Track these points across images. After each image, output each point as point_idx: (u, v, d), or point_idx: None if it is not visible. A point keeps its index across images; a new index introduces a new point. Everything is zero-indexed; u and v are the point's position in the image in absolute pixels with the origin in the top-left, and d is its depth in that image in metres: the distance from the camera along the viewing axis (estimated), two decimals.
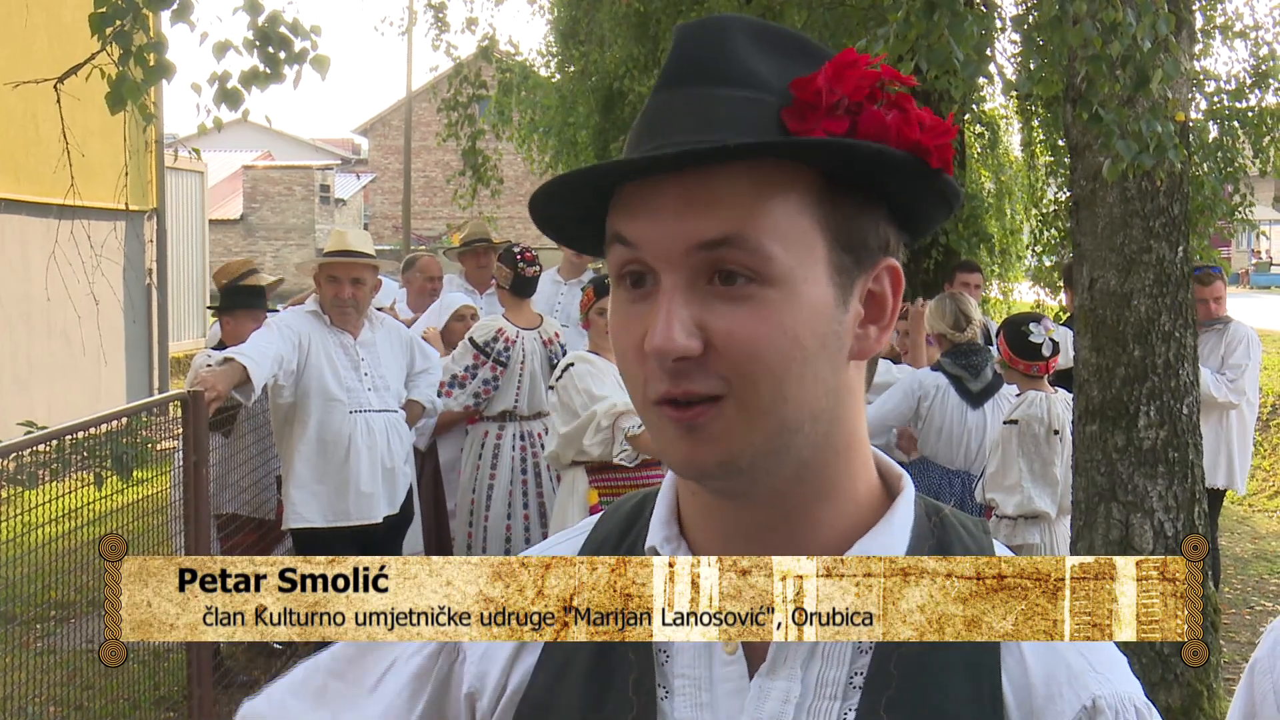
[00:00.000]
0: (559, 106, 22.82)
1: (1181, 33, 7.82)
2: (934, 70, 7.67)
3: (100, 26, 8.04)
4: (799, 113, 1.54)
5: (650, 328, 1.51)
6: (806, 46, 1.61)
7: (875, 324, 1.63)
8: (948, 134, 1.58)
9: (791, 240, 1.52)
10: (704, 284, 1.52)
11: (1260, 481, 17.53)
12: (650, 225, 1.52)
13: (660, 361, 1.51)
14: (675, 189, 1.51)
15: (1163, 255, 7.83)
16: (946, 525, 1.71)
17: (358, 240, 8.46)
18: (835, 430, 1.62)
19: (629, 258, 1.55)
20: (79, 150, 10.78)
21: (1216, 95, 15.17)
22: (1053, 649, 1.61)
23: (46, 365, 18.71)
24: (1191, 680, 7.82)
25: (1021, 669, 1.61)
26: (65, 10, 16.74)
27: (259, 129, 54.27)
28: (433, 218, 62.62)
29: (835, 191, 1.56)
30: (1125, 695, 1.62)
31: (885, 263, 1.63)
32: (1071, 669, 1.61)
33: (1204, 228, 14.28)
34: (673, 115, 1.55)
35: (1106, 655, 1.65)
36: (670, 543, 1.69)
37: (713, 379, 1.51)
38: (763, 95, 1.54)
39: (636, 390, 1.57)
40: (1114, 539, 7.88)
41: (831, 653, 1.60)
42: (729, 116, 1.53)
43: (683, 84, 1.56)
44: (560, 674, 1.70)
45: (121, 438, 7.78)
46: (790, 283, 1.52)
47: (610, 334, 1.61)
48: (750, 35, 1.58)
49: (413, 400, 8.80)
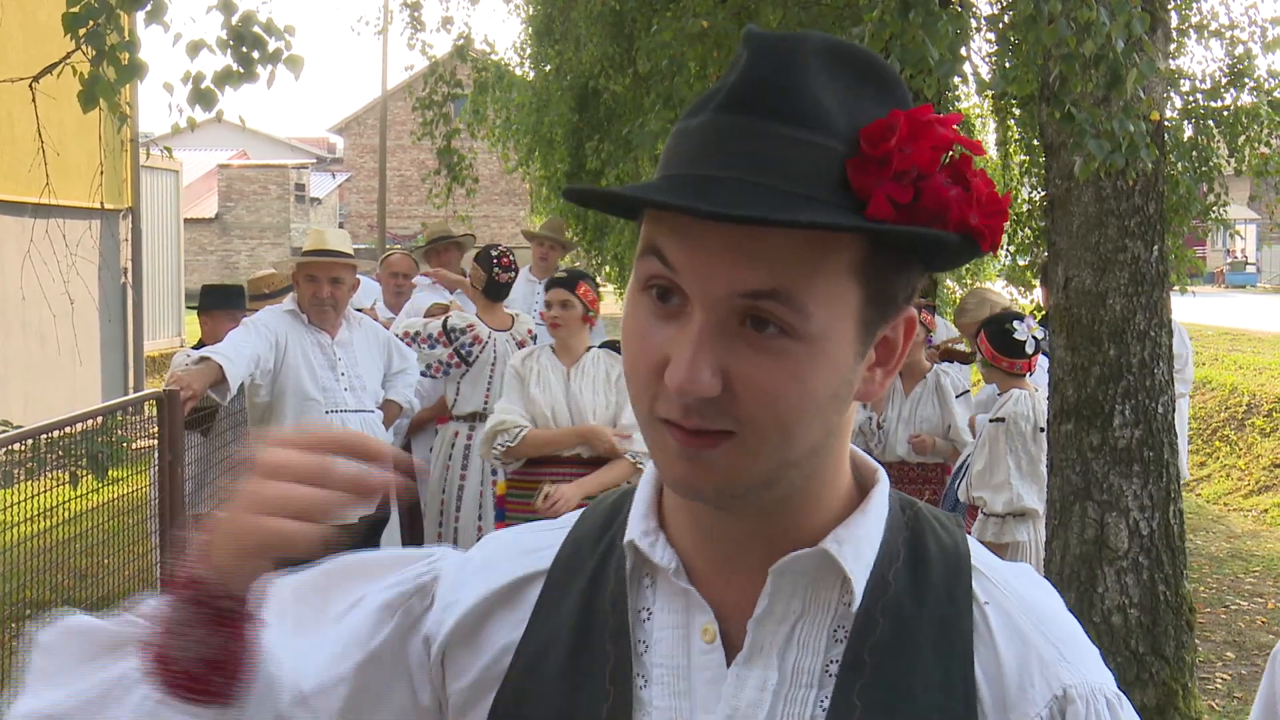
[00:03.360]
0: (534, 105, 22.79)
1: (1157, 32, 7.84)
2: (908, 69, 7.68)
3: (73, 26, 8.03)
4: (864, 166, 1.50)
5: (674, 357, 1.50)
6: (884, 78, 1.57)
7: (882, 367, 1.64)
8: (1002, 215, 1.56)
9: (831, 299, 1.51)
10: (735, 325, 1.50)
11: (1236, 480, 17.58)
12: (695, 257, 1.49)
13: (679, 397, 1.50)
14: (728, 229, 1.47)
15: (1138, 254, 7.85)
16: (921, 519, 1.72)
17: (336, 240, 8.44)
18: (827, 459, 1.64)
19: (664, 275, 1.52)
20: (54, 149, 10.77)
21: (1192, 94, 15.20)
22: (1024, 639, 1.64)
23: (22, 364, 18.65)
24: (1167, 679, 7.85)
25: (994, 658, 1.62)
26: (40, 10, 16.68)
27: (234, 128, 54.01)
28: (408, 216, 62.65)
29: (878, 252, 1.54)
30: (1096, 685, 1.63)
31: (905, 312, 1.63)
32: (1043, 659, 1.63)
33: (1179, 227, 14.31)
34: (733, 144, 1.50)
35: (1078, 645, 1.67)
36: (649, 535, 1.70)
37: (724, 419, 1.51)
38: (830, 142, 1.50)
39: (642, 401, 1.56)
40: (1089, 538, 7.90)
41: (808, 642, 1.62)
42: (792, 162, 1.48)
43: (749, 111, 1.51)
44: (537, 660, 1.72)
45: (97, 437, 7.78)
46: (820, 340, 1.51)
47: (624, 338, 1.59)
48: (824, 59, 1.53)
49: (390, 400, 8.78)
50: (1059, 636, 1.66)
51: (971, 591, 1.67)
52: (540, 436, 7.79)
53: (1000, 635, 1.64)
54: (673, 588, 1.68)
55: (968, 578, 1.68)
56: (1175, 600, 7.94)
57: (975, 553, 1.71)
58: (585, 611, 1.72)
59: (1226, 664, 10.12)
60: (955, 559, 1.69)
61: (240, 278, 11.23)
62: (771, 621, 1.62)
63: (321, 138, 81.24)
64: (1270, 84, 15.26)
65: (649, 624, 1.69)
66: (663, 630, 1.68)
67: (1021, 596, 1.69)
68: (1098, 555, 7.89)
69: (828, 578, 1.63)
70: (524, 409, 7.82)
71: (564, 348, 8.01)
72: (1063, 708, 1.60)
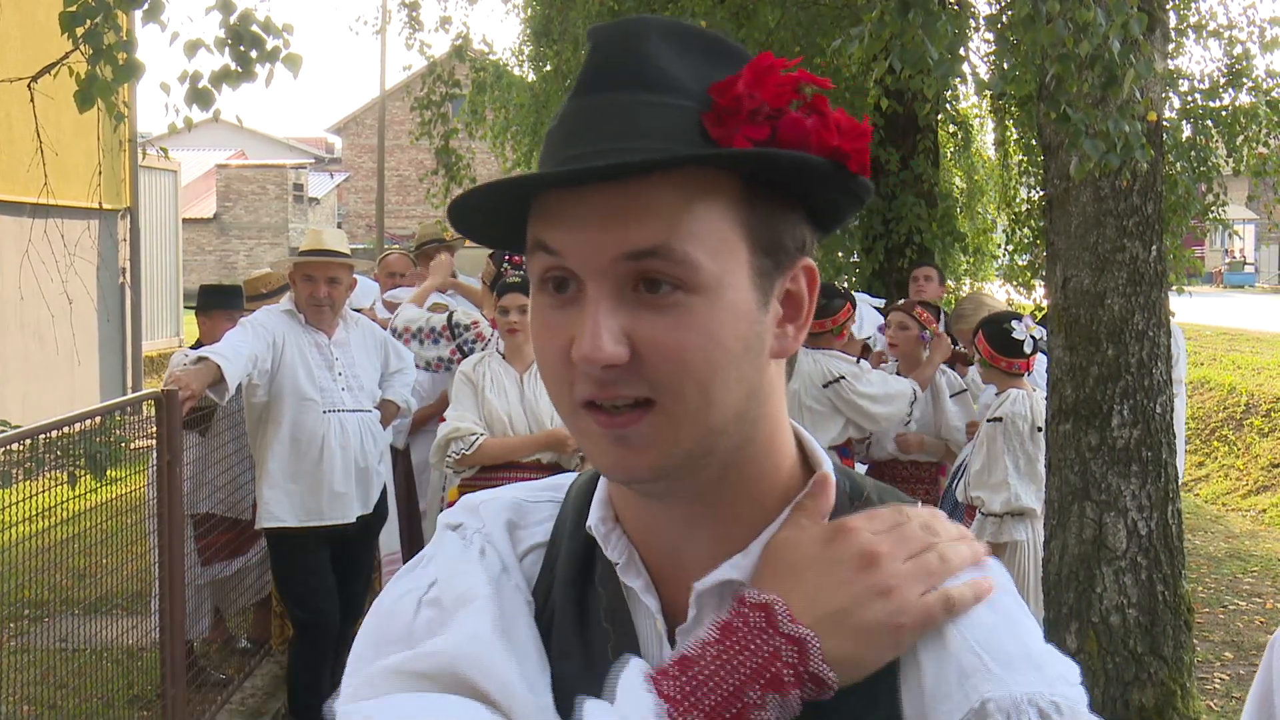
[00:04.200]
0: (532, 105, 22.79)
1: (1155, 32, 7.84)
2: (908, 69, 7.68)
3: (70, 25, 8.03)
4: (718, 118, 1.54)
5: (577, 335, 1.52)
6: (724, 47, 1.61)
7: (793, 323, 1.65)
8: (864, 136, 1.59)
9: (715, 247, 1.53)
10: (630, 291, 1.52)
11: (1234, 480, 17.59)
12: (575, 234, 1.52)
13: (588, 368, 1.51)
14: (600, 198, 1.51)
15: (1136, 254, 7.84)
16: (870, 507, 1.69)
17: (333, 239, 8.44)
18: (758, 428, 1.64)
19: (552, 265, 1.55)
20: (53, 149, 10.77)
21: (1190, 94, 15.20)
22: (945, 647, 1.57)
23: (20, 364, 18.65)
24: (1165, 679, 7.85)
25: (914, 668, 1.58)
26: (39, 9, 16.67)
27: (232, 128, 54.18)
28: (406, 216, 62.65)
29: (755, 196, 1.56)
30: (1022, 695, 1.54)
31: (802, 262, 1.64)
32: (963, 669, 1.56)
33: (1177, 227, 14.32)
34: (592, 122, 1.54)
35: (1008, 653, 1.57)
36: (605, 523, 1.71)
37: (640, 384, 1.52)
38: (682, 101, 1.54)
39: (562, 394, 1.58)
40: (1087, 538, 7.90)
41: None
42: (650, 124, 1.52)
43: (601, 90, 1.55)
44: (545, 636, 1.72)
45: (95, 437, 7.77)
46: (715, 290, 1.52)
47: (532, 338, 1.61)
48: (667, 37, 1.58)
49: (387, 400, 8.78)
50: (987, 644, 1.57)
51: None
52: (498, 445, 7.85)
53: (921, 645, 1.58)
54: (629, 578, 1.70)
55: None
56: (1174, 600, 7.94)
57: None
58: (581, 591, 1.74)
59: (1225, 664, 10.13)
60: None
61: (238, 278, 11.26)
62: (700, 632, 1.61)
63: (320, 138, 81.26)
64: (1268, 84, 15.26)
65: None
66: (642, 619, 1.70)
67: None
68: (1096, 555, 7.88)
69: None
70: (478, 416, 7.86)
71: (518, 354, 8.07)
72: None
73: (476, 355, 8.33)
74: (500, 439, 7.85)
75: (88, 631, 7.87)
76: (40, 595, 7.99)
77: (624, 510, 1.72)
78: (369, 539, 8.84)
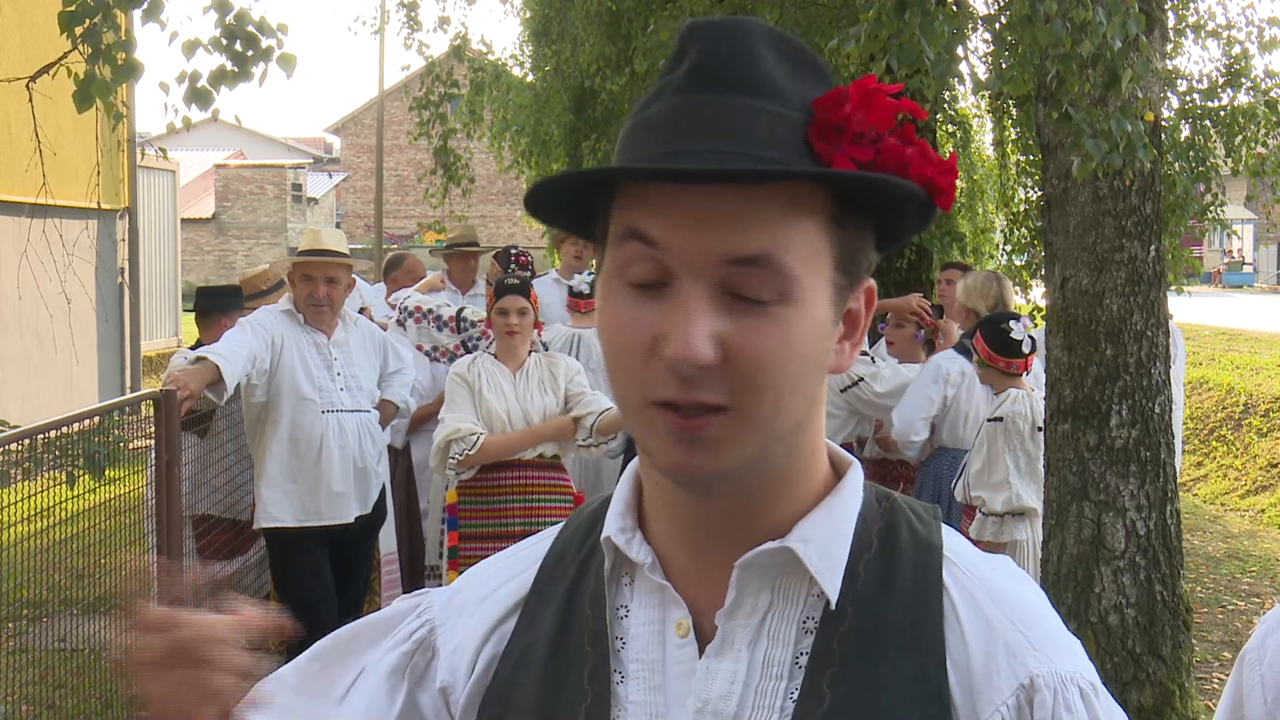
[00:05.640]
0: (531, 105, 22.79)
1: (1154, 32, 7.84)
2: (905, 69, 7.68)
3: (69, 25, 8.02)
4: (823, 134, 1.55)
5: (667, 332, 1.51)
6: (817, 63, 1.62)
7: (849, 340, 1.68)
8: (953, 172, 1.61)
9: (808, 261, 1.55)
10: (725, 295, 1.52)
11: (1233, 480, 17.60)
12: (680, 230, 1.51)
13: (675, 368, 1.51)
14: (710, 198, 1.51)
15: (1135, 254, 7.84)
16: (896, 509, 1.74)
17: (332, 239, 8.44)
18: (806, 435, 1.66)
19: (645, 255, 1.54)
20: (51, 149, 10.77)
21: (1189, 94, 15.19)
22: (991, 626, 1.64)
23: (18, 364, 18.65)
24: (1164, 680, 7.85)
25: (962, 646, 1.63)
26: (37, 9, 16.67)
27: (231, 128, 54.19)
28: (405, 216, 62.65)
29: (845, 214, 1.58)
30: (1067, 674, 1.62)
31: (866, 283, 1.68)
32: (1010, 647, 1.62)
33: (1176, 227, 14.31)
34: (699, 120, 1.53)
35: (1049, 633, 1.66)
36: (625, 533, 1.71)
37: (720, 390, 1.52)
38: (788, 111, 1.55)
39: (632, 388, 1.57)
40: (1086, 538, 7.89)
41: (777, 634, 1.64)
42: (762, 131, 1.53)
43: (709, 88, 1.55)
44: (520, 665, 1.74)
45: (94, 437, 7.77)
46: (803, 303, 1.54)
47: (604, 329, 1.60)
48: (770, 43, 1.59)
49: (386, 400, 8.79)
50: (1028, 625, 1.65)
51: (941, 581, 1.67)
52: (500, 442, 7.84)
53: (968, 623, 1.64)
54: (649, 583, 1.70)
55: (938, 568, 1.69)
56: (1172, 600, 7.93)
57: (949, 544, 1.73)
58: (566, 614, 1.75)
59: (1224, 664, 10.13)
60: (928, 550, 1.70)
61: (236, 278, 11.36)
62: (741, 614, 1.64)
63: (318, 138, 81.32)
64: (1267, 84, 15.24)
65: (626, 621, 1.72)
66: (639, 626, 1.70)
67: (991, 585, 1.69)
68: (1094, 555, 7.88)
69: (795, 570, 1.65)
70: (476, 416, 7.86)
71: (511, 354, 8.08)
72: (1030, 697, 1.60)
73: (469, 356, 8.33)
74: (501, 436, 7.85)
75: (86, 631, 7.87)
76: (39, 595, 7.98)
77: (655, 510, 1.72)
78: (368, 539, 8.85)
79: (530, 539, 1.92)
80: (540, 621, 1.76)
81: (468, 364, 8.09)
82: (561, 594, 1.76)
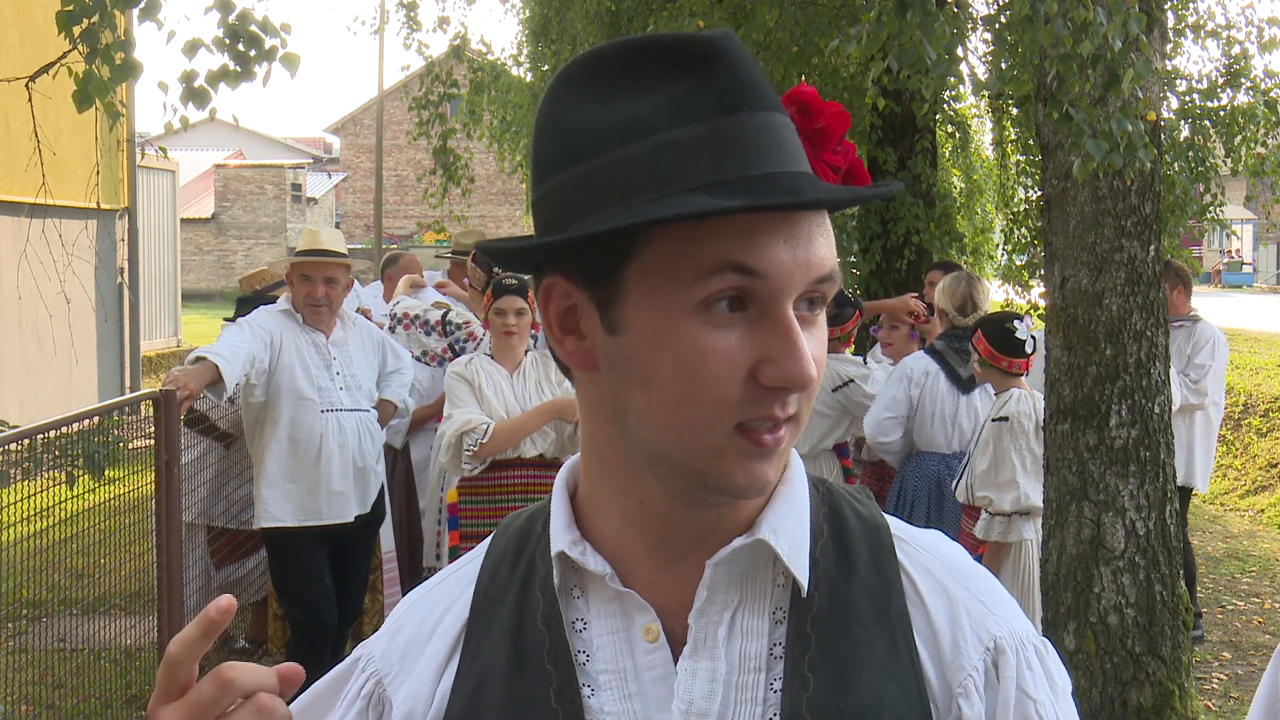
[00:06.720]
0: (531, 105, 22.77)
1: (1154, 32, 7.84)
2: (905, 69, 7.68)
3: (67, 24, 8.02)
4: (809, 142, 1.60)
5: (774, 357, 1.52)
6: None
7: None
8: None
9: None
10: (797, 310, 1.56)
11: (1232, 480, 17.59)
12: (783, 258, 1.52)
13: (791, 389, 1.54)
14: (805, 223, 1.54)
15: (1134, 254, 7.84)
16: (834, 494, 1.79)
17: (330, 239, 8.44)
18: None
19: (745, 285, 1.52)
20: (50, 149, 10.78)
21: (1188, 94, 15.20)
22: (950, 596, 1.72)
23: (18, 364, 18.66)
24: (1163, 680, 7.84)
25: (926, 619, 1.70)
26: (36, 9, 16.68)
27: (231, 128, 54.20)
28: (404, 216, 62.63)
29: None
30: (1022, 634, 1.71)
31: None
32: (971, 614, 1.70)
33: (1175, 227, 14.33)
34: (762, 142, 1.53)
35: (998, 596, 1.75)
36: (578, 545, 1.70)
37: (796, 400, 1.58)
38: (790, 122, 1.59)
39: (723, 415, 1.55)
40: (1085, 538, 7.89)
41: (750, 628, 1.66)
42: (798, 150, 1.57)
43: (759, 107, 1.55)
44: (479, 690, 1.72)
45: (93, 437, 7.77)
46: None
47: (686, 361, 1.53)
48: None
49: (384, 400, 8.80)
50: (982, 590, 1.73)
51: (896, 558, 1.73)
52: (509, 426, 7.83)
53: (929, 596, 1.71)
54: (607, 593, 1.70)
55: (890, 546, 1.74)
56: (1172, 600, 7.93)
57: (891, 522, 1.79)
58: (517, 636, 1.72)
59: (1223, 664, 10.13)
60: (875, 530, 1.76)
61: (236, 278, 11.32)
62: (713, 612, 1.65)
63: (318, 138, 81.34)
64: (1267, 84, 15.26)
65: (586, 633, 1.70)
66: (603, 636, 1.69)
67: (941, 556, 1.76)
68: (1094, 555, 7.88)
69: (761, 562, 1.67)
70: (481, 410, 7.87)
71: (509, 354, 8.07)
72: (995, 659, 1.67)
73: (466, 356, 8.33)
74: (509, 420, 7.83)
75: (86, 631, 7.88)
76: (38, 595, 7.98)
77: (599, 525, 1.72)
78: (367, 539, 8.85)
79: (457, 562, 1.90)
80: (488, 647, 1.73)
81: (464, 363, 8.08)
82: (506, 615, 1.74)
